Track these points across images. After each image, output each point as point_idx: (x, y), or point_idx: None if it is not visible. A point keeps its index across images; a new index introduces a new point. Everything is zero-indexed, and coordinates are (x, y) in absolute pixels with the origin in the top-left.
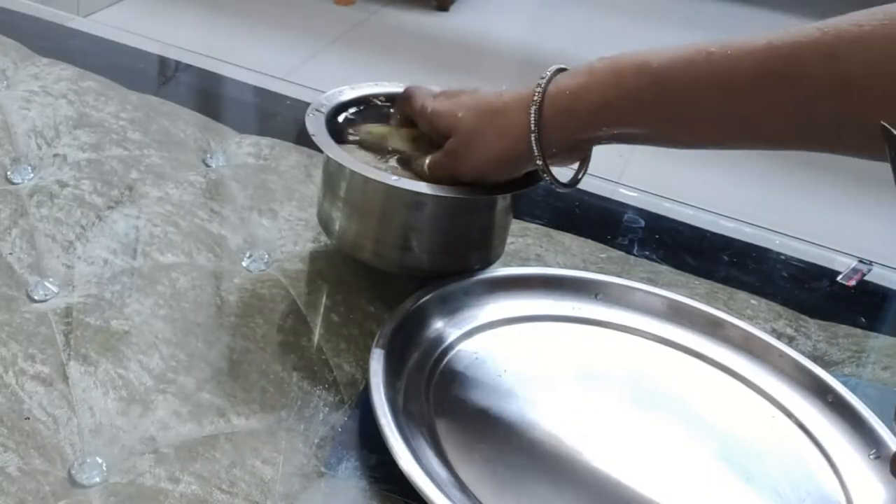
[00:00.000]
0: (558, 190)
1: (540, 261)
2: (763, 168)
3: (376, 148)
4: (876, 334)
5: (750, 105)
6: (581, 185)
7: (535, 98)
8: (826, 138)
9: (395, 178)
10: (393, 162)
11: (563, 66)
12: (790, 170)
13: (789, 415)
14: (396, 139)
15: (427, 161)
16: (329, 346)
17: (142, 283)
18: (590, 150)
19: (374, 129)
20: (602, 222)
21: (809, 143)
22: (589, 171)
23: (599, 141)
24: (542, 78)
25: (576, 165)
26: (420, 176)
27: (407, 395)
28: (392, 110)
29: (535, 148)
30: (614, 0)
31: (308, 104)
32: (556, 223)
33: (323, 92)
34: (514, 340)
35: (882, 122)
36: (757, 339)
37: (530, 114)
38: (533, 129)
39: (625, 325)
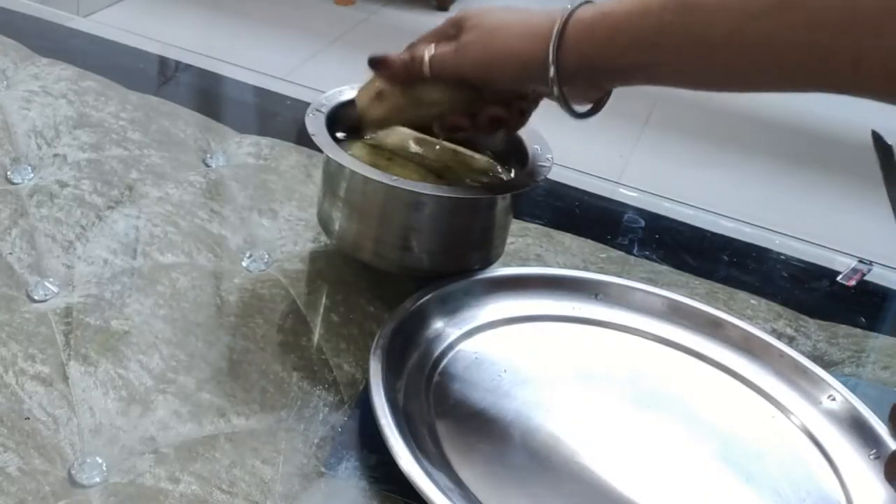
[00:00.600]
0: (568, 114)
1: (540, 261)
2: (763, 168)
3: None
4: (876, 334)
5: (768, 32)
6: (581, 185)
7: (564, 12)
8: (842, 78)
9: (395, 178)
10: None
11: None
12: (790, 170)
13: (789, 415)
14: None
15: (427, 53)
16: (329, 346)
17: (142, 283)
18: (608, 92)
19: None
20: (602, 222)
21: (826, 81)
22: (589, 171)
23: (615, 74)
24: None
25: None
26: (414, 72)
27: (407, 395)
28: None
29: (551, 55)
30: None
31: (308, 104)
32: (556, 223)
33: (323, 92)
34: (514, 340)
35: (872, 129)
36: (757, 339)
37: (555, 23)
38: (554, 38)
39: (625, 325)
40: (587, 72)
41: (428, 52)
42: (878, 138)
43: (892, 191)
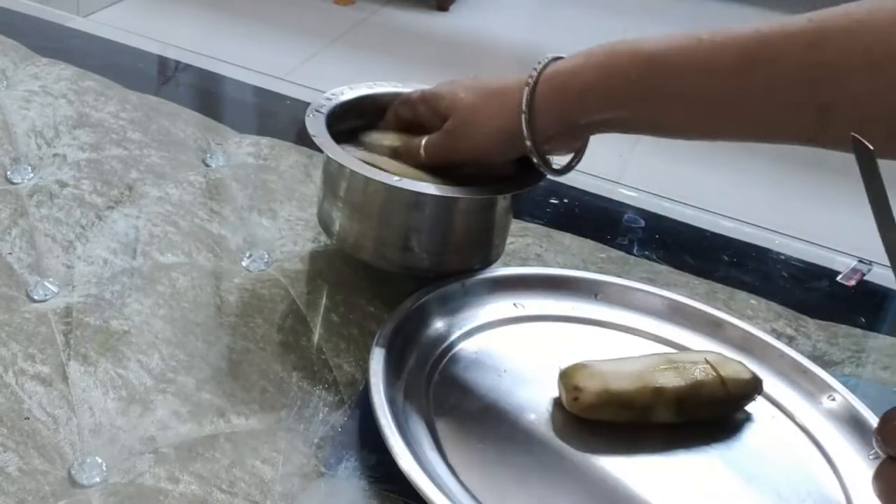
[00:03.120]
0: (549, 175)
1: (540, 261)
2: (763, 168)
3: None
4: (876, 334)
5: (732, 89)
6: (581, 185)
7: (530, 79)
8: (808, 129)
9: (395, 178)
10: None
11: (560, 55)
12: (790, 170)
13: (789, 415)
14: (394, 140)
15: (423, 142)
16: (329, 346)
17: (142, 283)
18: (585, 141)
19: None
20: (602, 222)
21: (793, 133)
22: (589, 171)
23: (591, 126)
24: (540, 63)
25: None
26: (412, 158)
27: (407, 395)
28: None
29: (524, 128)
30: (614, 0)
31: (308, 104)
32: (556, 223)
33: (323, 92)
34: (514, 340)
35: (852, 133)
36: (757, 339)
37: (524, 92)
38: (524, 109)
39: (625, 325)
40: (563, 129)
41: (422, 142)
42: (858, 142)
43: (873, 195)
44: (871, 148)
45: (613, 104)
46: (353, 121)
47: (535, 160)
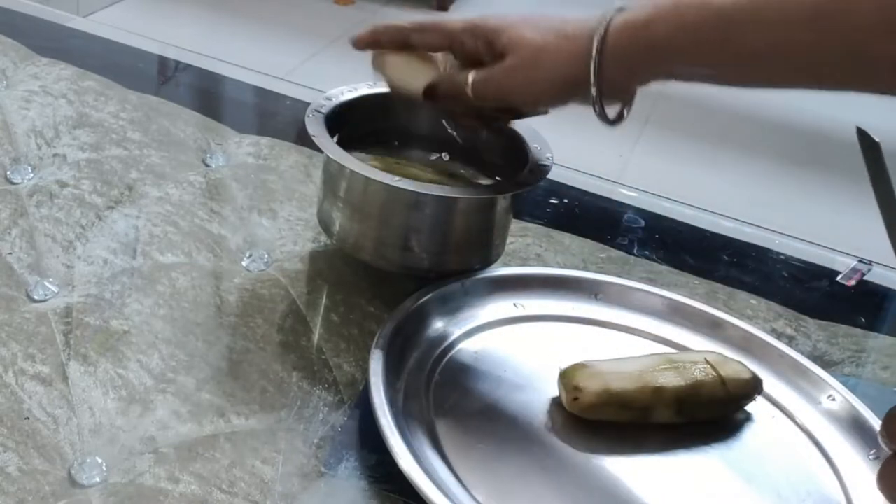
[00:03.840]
0: (606, 124)
1: (540, 261)
2: (763, 168)
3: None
4: (876, 334)
5: (808, 41)
6: (581, 185)
7: (600, 28)
8: (884, 80)
9: (396, 178)
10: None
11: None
12: (790, 170)
13: (789, 415)
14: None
15: (471, 78)
16: (329, 346)
17: (142, 283)
18: (635, 92)
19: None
20: (602, 222)
21: (868, 83)
22: (589, 171)
23: (656, 78)
24: (606, 15)
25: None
26: (454, 94)
27: (407, 395)
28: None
29: (592, 76)
30: (614, 0)
31: (308, 104)
32: (556, 223)
33: (323, 92)
34: (514, 340)
35: (857, 126)
36: (757, 339)
37: (593, 40)
38: (594, 55)
39: (625, 325)
40: (630, 80)
41: (470, 76)
42: (863, 135)
43: (880, 189)
44: (878, 140)
45: (682, 58)
46: (352, 121)
47: (595, 109)
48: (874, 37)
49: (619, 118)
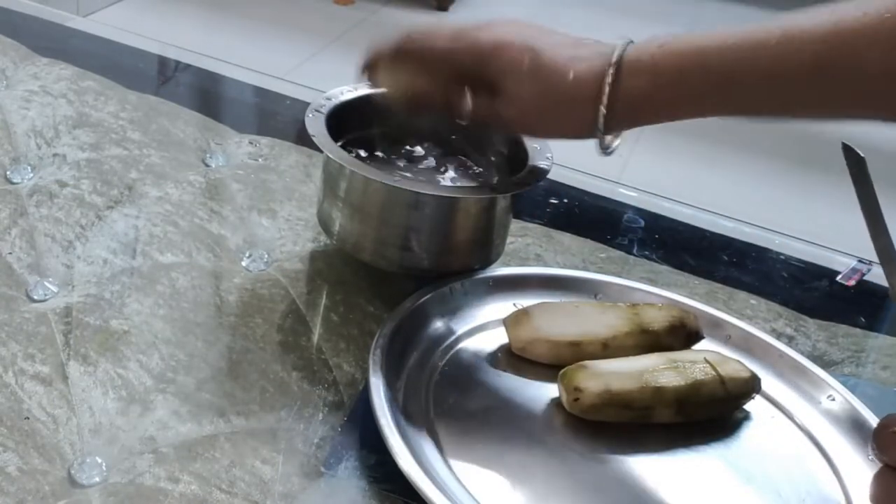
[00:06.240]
0: (601, 155)
1: (540, 261)
2: (763, 168)
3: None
4: (875, 334)
5: (812, 96)
6: (581, 185)
7: (604, 98)
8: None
9: (395, 178)
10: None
11: (629, 40)
12: (790, 170)
13: (789, 415)
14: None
15: (468, 104)
16: (329, 345)
17: (141, 283)
18: None
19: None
20: (602, 222)
21: (880, 118)
22: (589, 171)
23: (659, 122)
24: (611, 51)
25: None
26: (453, 113)
27: (407, 394)
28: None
29: (600, 120)
30: (614, 0)
31: (308, 104)
32: (556, 223)
33: (323, 92)
34: None
35: (843, 142)
36: (757, 339)
37: (599, 111)
38: (600, 127)
39: None
40: (635, 123)
41: (465, 103)
42: (849, 150)
43: (865, 202)
44: (863, 155)
45: (689, 115)
46: (353, 121)
47: (598, 147)
48: (882, 84)
49: (612, 151)
